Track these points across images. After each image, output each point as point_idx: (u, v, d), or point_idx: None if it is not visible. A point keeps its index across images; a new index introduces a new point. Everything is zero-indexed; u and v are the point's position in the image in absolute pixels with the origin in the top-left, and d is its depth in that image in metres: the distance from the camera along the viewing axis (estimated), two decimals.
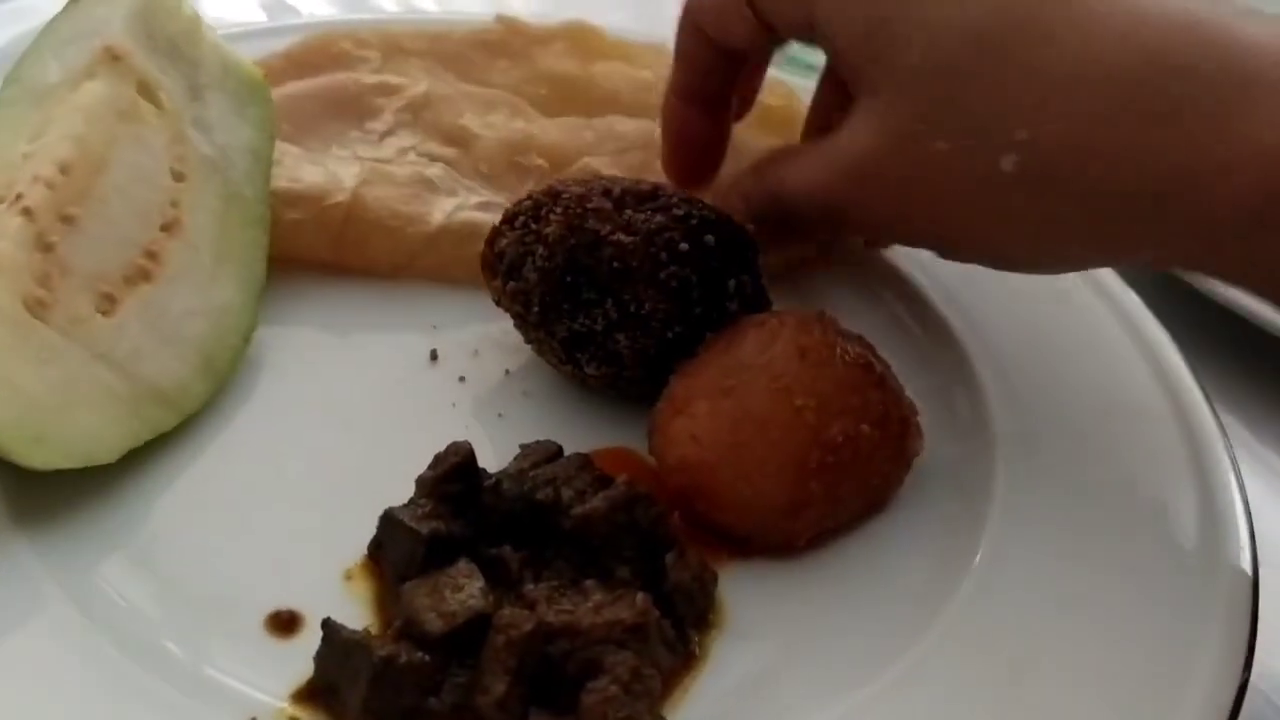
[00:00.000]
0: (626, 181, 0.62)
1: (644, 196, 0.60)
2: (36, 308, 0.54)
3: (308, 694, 0.49)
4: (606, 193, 0.60)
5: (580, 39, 0.80)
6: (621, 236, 0.58)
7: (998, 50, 0.48)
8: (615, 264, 0.58)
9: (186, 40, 0.65)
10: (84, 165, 0.59)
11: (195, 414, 0.59)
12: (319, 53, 0.78)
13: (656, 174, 0.73)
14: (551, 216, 0.60)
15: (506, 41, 0.81)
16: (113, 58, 0.62)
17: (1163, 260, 0.53)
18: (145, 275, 0.59)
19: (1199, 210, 0.46)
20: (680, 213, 0.60)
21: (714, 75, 0.65)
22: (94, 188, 0.59)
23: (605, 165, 0.73)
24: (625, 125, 0.76)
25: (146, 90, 0.63)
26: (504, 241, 0.61)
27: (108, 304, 0.57)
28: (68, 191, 0.57)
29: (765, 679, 0.52)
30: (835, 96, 0.61)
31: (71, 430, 0.53)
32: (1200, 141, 0.45)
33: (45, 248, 0.55)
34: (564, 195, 0.60)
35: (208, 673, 0.49)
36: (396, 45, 0.80)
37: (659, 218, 0.59)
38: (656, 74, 0.77)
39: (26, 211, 0.55)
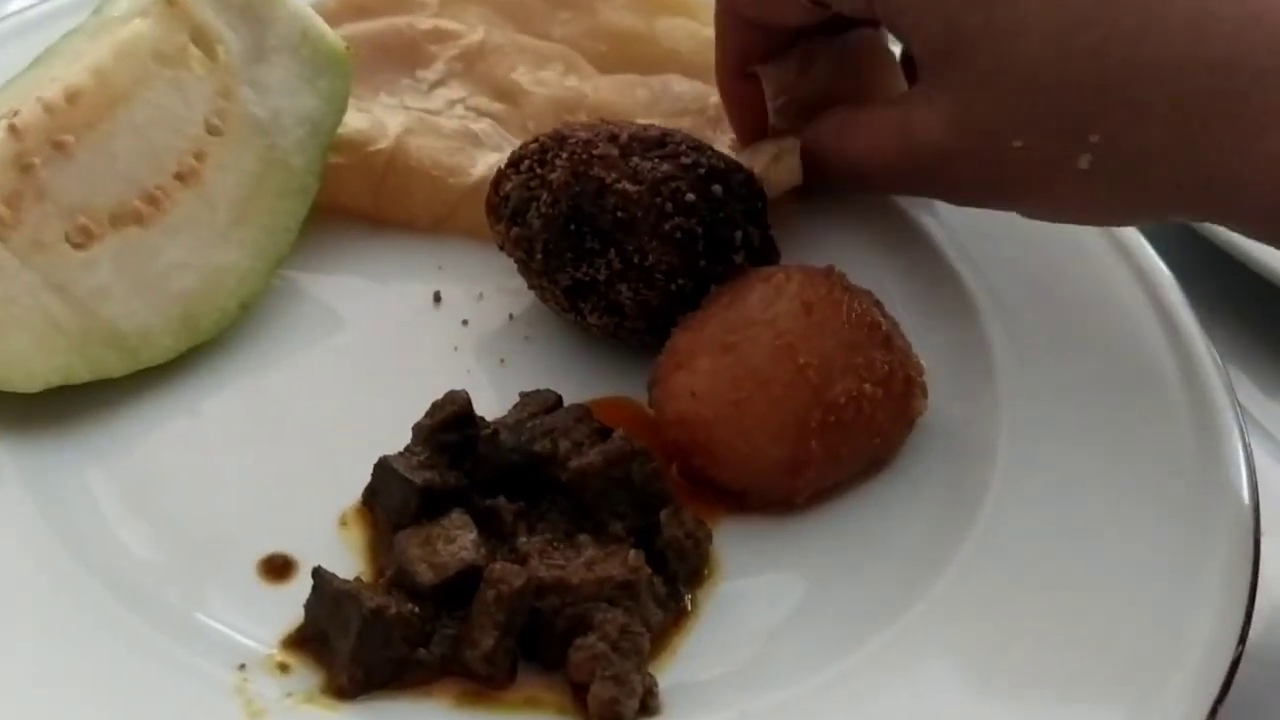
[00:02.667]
0: (634, 127, 0.60)
1: (651, 143, 0.59)
2: None
3: (298, 641, 0.49)
4: (613, 139, 0.59)
5: None
6: (626, 185, 0.57)
7: (1073, 58, 0.50)
8: (619, 213, 0.57)
9: (263, 1, 0.63)
10: (97, 96, 0.58)
11: (160, 364, 0.59)
12: None
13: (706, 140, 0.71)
14: (557, 162, 0.59)
15: None
16: (169, 1, 0.61)
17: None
18: (138, 218, 0.58)
19: (1265, 199, 0.49)
20: (688, 161, 0.58)
21: (762, 51, 0.65)
22: (102, 120, 0.58)
23: None
24: (681, 86, 0.74)
25: (203, 39, 0.62)
26: (509, 185, 0.60)
27: (82, 237, 0.56)
28: (67, 119, 0.57)
29: (758, 637, 0.52)
30: None
31: None
32: (1256, 136, 0.48)
33: (23, 168, 0.55)
34: (570, 140, 0.59)
35: (198, 618, 0.49)
36: None
37: (665, 166, 0.58)
38: None
39: (12, 130, 0.54)
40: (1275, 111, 0.47)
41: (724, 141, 0.71)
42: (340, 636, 0.48)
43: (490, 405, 0.57)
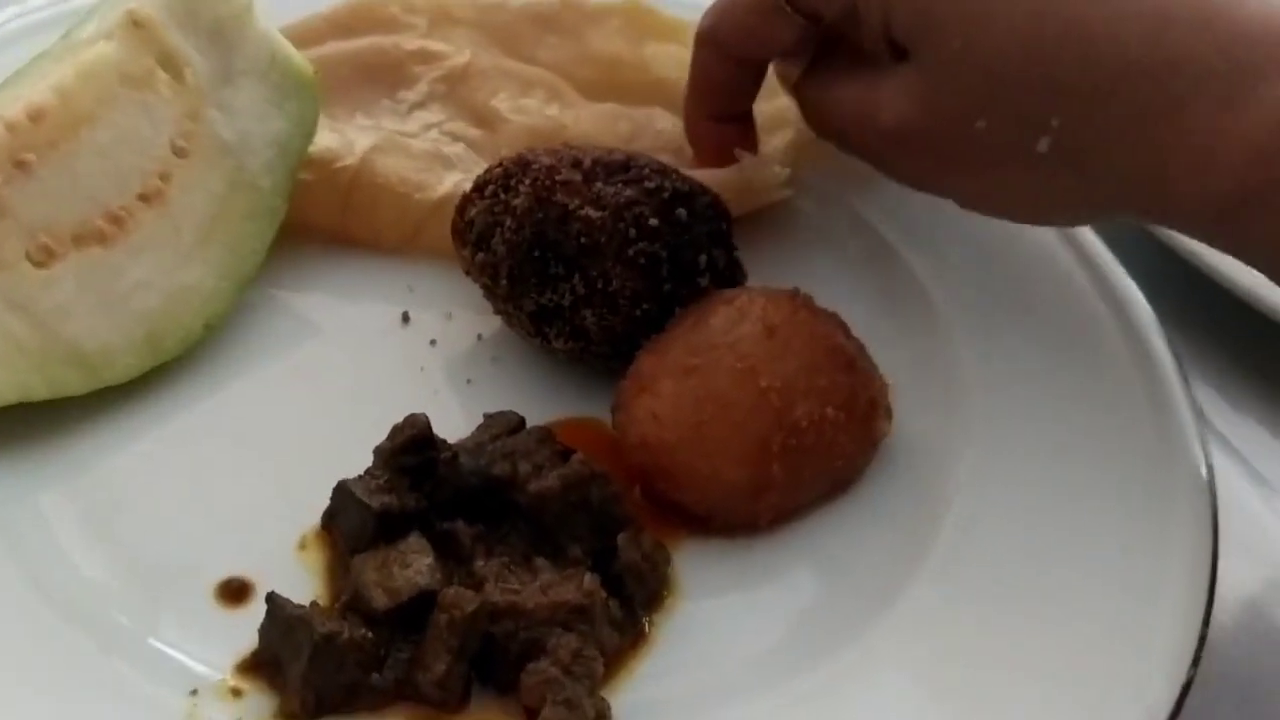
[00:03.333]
0: (598, 151, 0.61)
1: (615, 168, 0.59)
2: None
3: (251, 666, 0.49)
4: (576, 164, 0.59)
5: (635, 17, 0.77)
6: (590, 211, 0.57)
7: (1038, 46, 0.52)
8: (583, 239, 0.57)
9: (233, 25, 0.64)
10: (61, 116, 0.58)
11: (122, 383, 0.59)
12: (365, 16, 0.76)
13: None
14: (520, 188, 0.59)
15: (559, 16, 0.77)
16: (135, 24, 0.61)
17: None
18: (100, 238, 0.58)
19: (1191, 196, 0.51)
20: (651, 185, 0.59)
21: (741, 89, 0.66)
22: (66, 140, 0.58)
23: None
24: (664, 122, 0.73)
25: (170, 63, 0.62)
26: (474, 210, 0.61)
27: (44, 255, 0.56)
28: (29, 138, 0.57)
29: (717, 658, 0.52)
30: None
31: None
32: (1196, 136, 0.50)
33: None
34: (533, 165, 0.59)
35: (151, 643, 0.49)
36: (445, 12, 0.77)
37: (629, 191, 0.58)
38: None
39: None
40: (1210, 113, 0.49)
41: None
42: (293, 661, 0.48)
43: (456, 425, 0.57)
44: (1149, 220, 0.58)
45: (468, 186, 0.63)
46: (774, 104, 0.71)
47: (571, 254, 0.57)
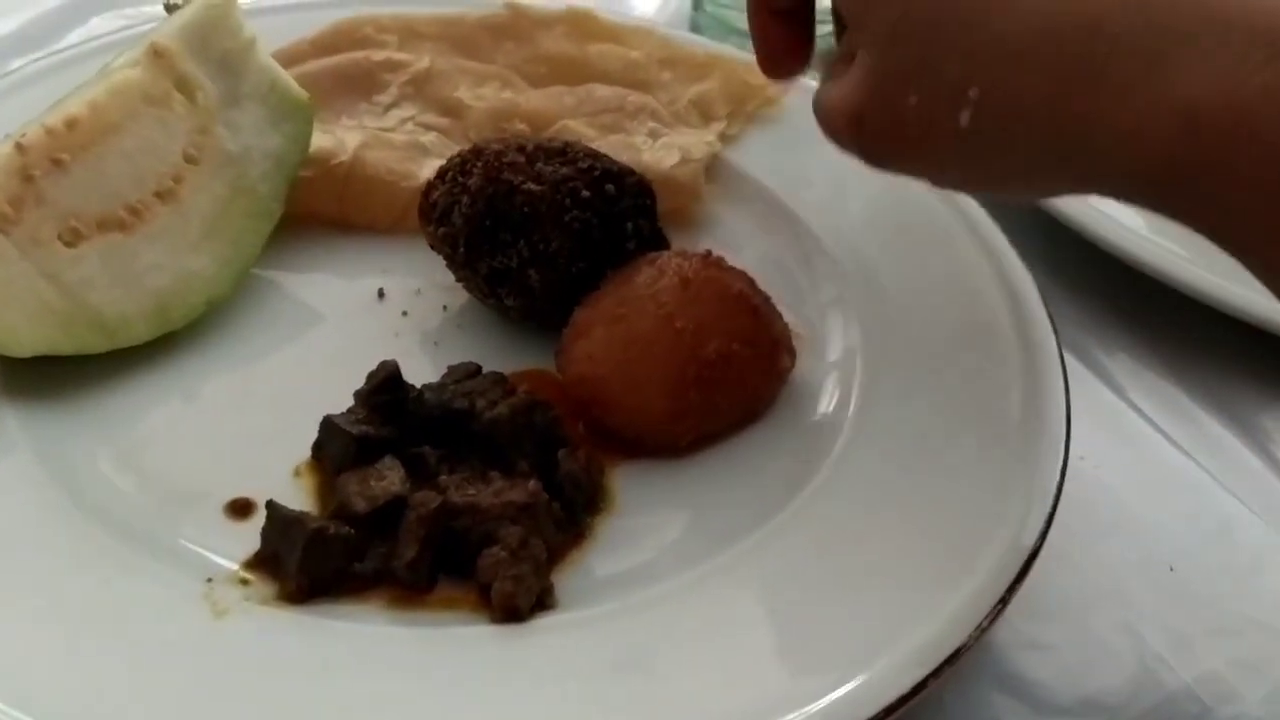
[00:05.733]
0: (540, 139, 0.72)
1: (553, 153, 0.70)
2: (0, 221, 0.64)
3: (255, 563, 0.59)
4: (521, 149, 0.70)
5: (579, 23, 0.90)
6: (532, 186, 0.68)
7: (957, 18, 0.52)
8: (526, 209, 0.68)
9: (239, 56, 0.75)
10: (92, 125, 0.69)
11: (135, 346, 0.69)
12: (344, 37, 0.87)
13: (625, 131, 0.84)
14: (474, 170, 0.69)
15: (513, 25, 0.90)
16: (156, 53, 0.72)
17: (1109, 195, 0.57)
18: (121, 225, 0.68)
19: (1120, 168, 0.50)
20: (584, 165, 0.69)
21: None
22: (95, 145, 0.69)
23: (582, 125, 0.83)
24: (602, 91, 0.85)
25: (185, 86, 0.73)
26: (436, 193, 0.71)
27: (72, 236, 0.66)
28: (65, 141, 0.67)
29: (642, 552, 0.62)
30: None
31: None
32: (1116, 106, 0.48)
33: (26, 178, 0.65)
34: (485, 152, 0.70)
35: (173, 544, 0.59)
36: (413, 30, 0.89)
37: (565, 169, 0.69)
38: (645, 54, 0.88)
39: (19, 146, 0.66)
40: (1133, 81, 0.48)
41: (641, 131, 0.83)
42: (290, 553, 0.57)
43: (425, 378, 0.67)
44: (1080, 191, 0.56)
45: None
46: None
47: (517, 222, 0.68)
